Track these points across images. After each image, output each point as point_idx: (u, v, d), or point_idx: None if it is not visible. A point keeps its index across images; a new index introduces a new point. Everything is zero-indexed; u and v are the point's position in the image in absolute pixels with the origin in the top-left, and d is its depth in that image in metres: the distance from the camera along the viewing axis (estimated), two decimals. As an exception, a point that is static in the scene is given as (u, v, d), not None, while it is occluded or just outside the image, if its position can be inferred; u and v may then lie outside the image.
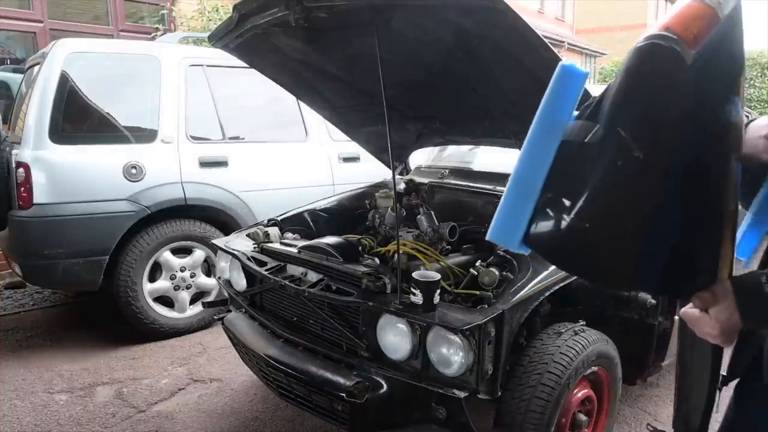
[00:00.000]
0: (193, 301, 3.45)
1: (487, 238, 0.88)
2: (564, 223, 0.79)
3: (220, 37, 2.18)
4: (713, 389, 1.13)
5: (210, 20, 6.00)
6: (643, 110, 0.77)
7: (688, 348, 1.22)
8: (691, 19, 0.76)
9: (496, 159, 2.67)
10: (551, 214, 0.82)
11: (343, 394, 1.67)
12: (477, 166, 2.92)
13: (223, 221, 3.49)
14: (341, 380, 1.72)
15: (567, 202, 0.79)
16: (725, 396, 1.12)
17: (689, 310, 0.86)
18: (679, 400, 1.27)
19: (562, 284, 1.74)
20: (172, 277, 3.35)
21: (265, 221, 2.62)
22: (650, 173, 0.76)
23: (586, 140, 0.80)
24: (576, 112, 0.86)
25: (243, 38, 2.10)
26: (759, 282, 0.81)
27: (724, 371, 1.08)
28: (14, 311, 3.94)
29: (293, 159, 3.82)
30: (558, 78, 0.85)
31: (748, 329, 0.86)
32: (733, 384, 1.09)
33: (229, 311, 2.39)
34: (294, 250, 2.13)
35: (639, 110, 0.77)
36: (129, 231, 3.16)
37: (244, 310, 2.29)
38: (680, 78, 0.75)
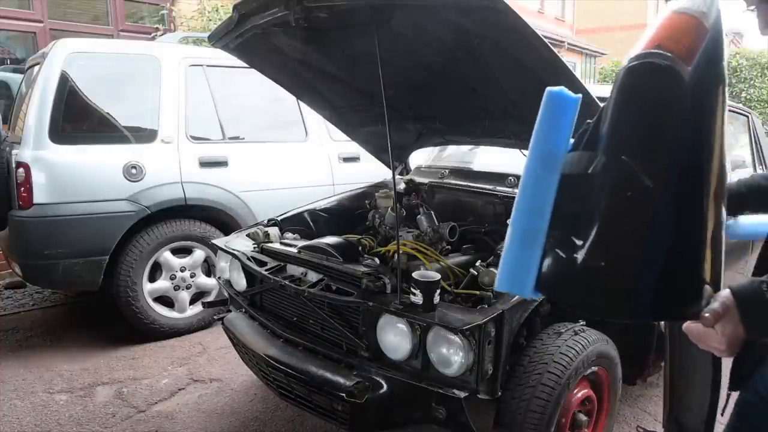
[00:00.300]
0: (193, 301, 3.45)
1: (496, 289, 0.83)
2: (577, 264, 0.74)
3: (220, 37, 2.18)
4: (716, 393, 1.12)
5: (210, 20, 5.99)
6: (647, 136, 0.73)
7: (676, 350, 1.21)
8: (680, 33, 0.73)
9: (496, 159, 2.66)
10: (563, 255, 0.77)
11: (343, 394, 1.66)
12: (477, 166, 2.92)
13: (223, 221, 3.49)
14: (341, 380, 1.72)
15: (578, 241, 0.75)
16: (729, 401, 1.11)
17: (692, 325, 0.82)
18: (670, 400, 1.26)
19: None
20: (172, 277, 3.35)
21: (265, 221, 2.62)
22: (657, 195, 0.72)
23: (590, 171, 0.75)
24: (571, 140, 0.81)
25: (243, 38, 2.10)
26: (760, 291, 0.78)
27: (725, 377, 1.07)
28: (14, 311, 3.94)
29: (293, 159, 3.82)
30: (547, 106, 0.79)
31: (752, 339, 0.83)
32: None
33: (229, 311, 2.39)
34: (294, 250, 2.13)
35: (643, 136, 0.73)
36: (129, 231, 3.16)
37: (244, 310, 2.29)
38: (680, 97, 0.72)
